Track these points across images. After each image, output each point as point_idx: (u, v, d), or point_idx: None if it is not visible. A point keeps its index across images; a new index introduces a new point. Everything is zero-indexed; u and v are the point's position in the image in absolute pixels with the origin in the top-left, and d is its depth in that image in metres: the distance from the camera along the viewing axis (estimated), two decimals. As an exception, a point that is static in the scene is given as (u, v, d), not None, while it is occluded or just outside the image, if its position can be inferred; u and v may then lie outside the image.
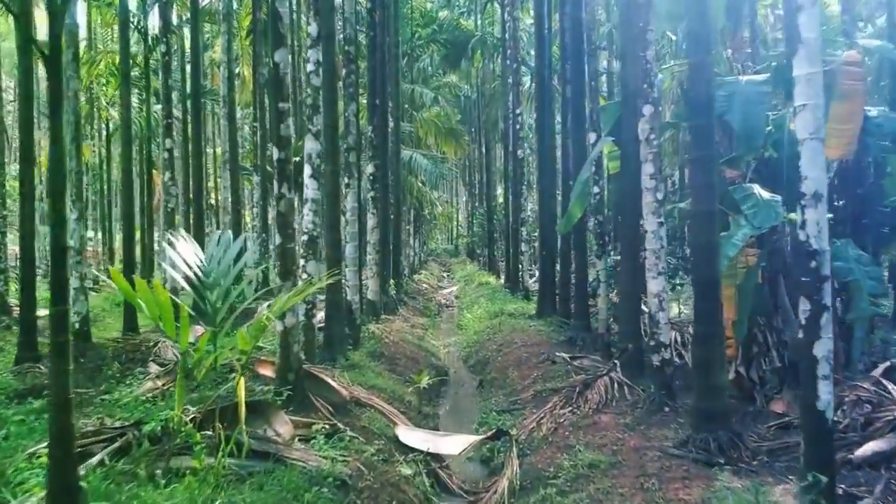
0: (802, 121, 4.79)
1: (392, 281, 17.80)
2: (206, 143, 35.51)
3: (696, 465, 5.96)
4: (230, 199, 19.00)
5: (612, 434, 6.94)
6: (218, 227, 23.94)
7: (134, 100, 26.54)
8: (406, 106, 26.47)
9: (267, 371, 7.37)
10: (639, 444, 6.57)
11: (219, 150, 24.82)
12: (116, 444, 5.44)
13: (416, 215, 35.21)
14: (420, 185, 25.67)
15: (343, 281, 11.10)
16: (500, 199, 37.79)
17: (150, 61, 18.69)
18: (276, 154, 6.76)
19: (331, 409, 7.09)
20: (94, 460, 5.12)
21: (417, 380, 9.09)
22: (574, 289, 12.93)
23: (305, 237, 7.94)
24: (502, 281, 25.86)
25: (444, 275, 41.87)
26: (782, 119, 9.02)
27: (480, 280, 28.63)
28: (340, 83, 11.24)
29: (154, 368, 9.59)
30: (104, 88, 29.20)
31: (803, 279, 4.79)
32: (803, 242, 4.76)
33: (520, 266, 21.43)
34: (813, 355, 4.69)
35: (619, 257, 13.19)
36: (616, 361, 9.42)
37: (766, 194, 8.07)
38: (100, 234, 31.39)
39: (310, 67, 8.11)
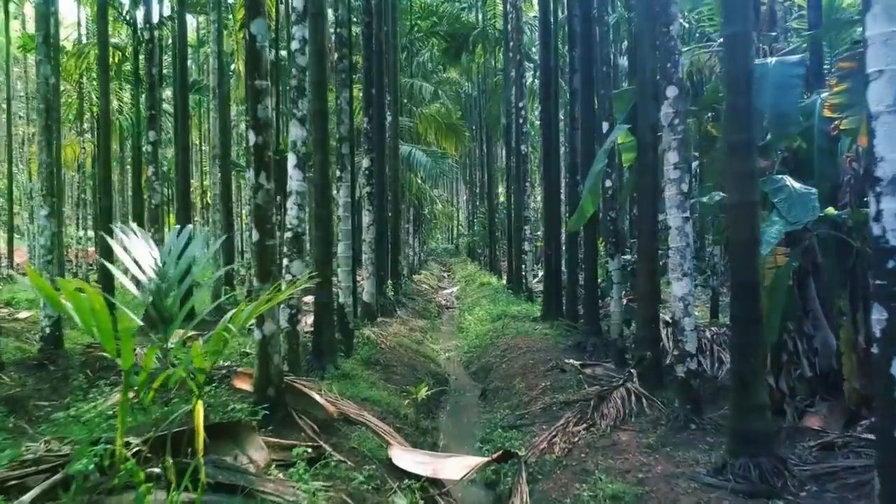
0: (877, 91, 3.96)
1: (390, 281, 16.97)
2: (202, 138, 34.85)
3: (736, 496, 5.14)
4: (220, 196, 18.24)
5: (634, 457, 6.11)
6: (207, 225, 23.05)
7: (126, 95, 25.88)
8: (405, 101, 25.65)
9: (245, 385, 6.54)
10: (667, 470, 5.74)
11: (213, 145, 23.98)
12: (58, 476, 4.61)
13: (416, 214, 34.37)
14: (419, 182, 24.82)
15: (335, 282, 10.28)
16: (502, 198, 37.01)
17: (140, 53, 17.89)
18: (252, 138, 5.93)
19: (316, 427, 6.26)
20: (27, 497, 4.28)
21: (415, 392, 8.26)
22: (583, 290, 12.08)
23: (289, 234, 7.11)
24: (504, 281, 25.07)
25: (445, 275, 41.09)
26: (811, 106, 8.22)
27: (482, 280, 27.83)
28: (331, 68, 10.43)
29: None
30: (94, 83, 28.49)
31: (878, 282, 3.96)
32: (878, 237, 3.93)
33: (523, 266, 20.59)
34: (891, 375, 3.86)
35: (630, 256, 12.38)
36: (633, 371, 8.60)
37: (798, 186, 7.28)
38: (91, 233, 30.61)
39: (294, 45, 7.29)
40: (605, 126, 10.34)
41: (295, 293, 7.20)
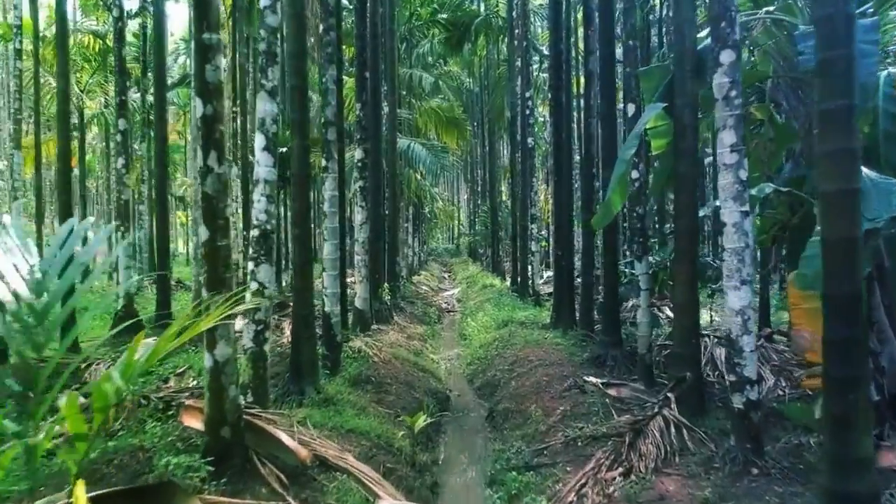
0: None
1: (386, 285, 15.61)
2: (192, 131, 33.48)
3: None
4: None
5: (691, 519, 4.77)
6: (189, 224, 21.60)
7: (111, 88, 24.50)
8: (404, 93, 24.29)
9: (196, 422, 5.19)
10: (738, 541, 4.39)
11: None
12: None
13: (416, 212, 33.02)
14: (419, 178, 23.45)
15: (322, 288, 8.93)
16: (505, 196, 35.66)
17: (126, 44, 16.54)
18: (199, 107, 4.59)
19: (283, 477, 4.92)
20: None
21: (411, 422, 6.90)
22: (602, 296, 10.73)
23: (256, 232, 5.75)
24: (508, 283, 23.73)
25: (445, 275, 39.77)
26: (872, 81, 6.88)
27: (484, 282, 26.50)
28: (316, 40, 9.10)
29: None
30: (78, 74, 27.09)
31: None
32: None
33: (529, 268, 19.24)
34: None
35: (652, 258, 11.05)
36: (669, 395, 7.25)
37: (875, 176, 5.96)
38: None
39: (263, 2, 5.95)
40: (631, 109, 8.98)
41: (265, 304, 5.85)
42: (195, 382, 7.96)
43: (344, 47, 21.02)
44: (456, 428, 9.17)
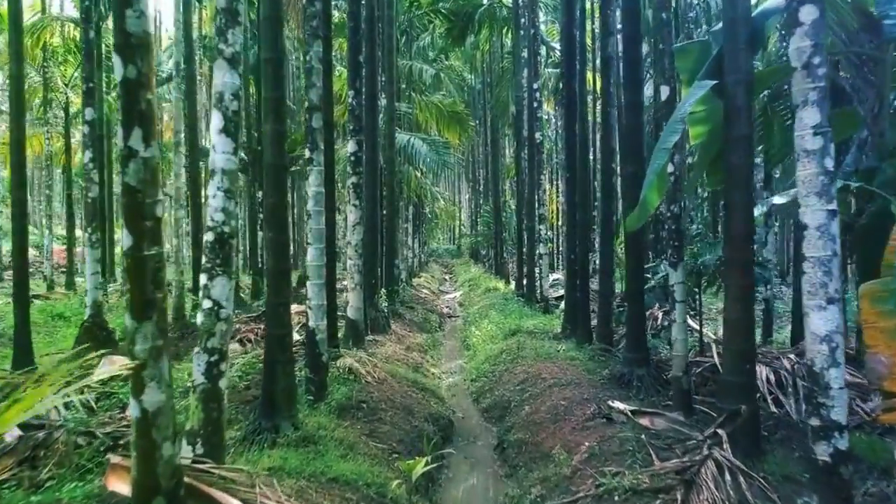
0: None
1: (383, 290, 14.39)
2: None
3: None
4: (187, 188, 15.68)
5: None
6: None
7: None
8: (403, 86, 23.06)
9: (123, 485, 3.96)
10: None
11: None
12: None
13: (416, 212, 31.79)
14: (419, 175, 22.18)
15: (307, 302, 7.71)
16: (509, 196, 34.43)
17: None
18: (118, 68, 3.37)
19: (236, 563, 3.69)
20: None
21: (407, 470, 5.66)
22: (626, 307, 9.50)
23: (210, 235, 4.52)
24: (512, 287, 22.51)
25: (446, 278, 38.57)
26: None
27: (487, 285, 25.29)
28: (299, 11, 7.90)
29: (10, 435, 6.18)
30: (62, 67, 25.85)
31: None
32: None
33: (536, 271, 18.00)
34: None
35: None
36: (720, 431, 6.03)
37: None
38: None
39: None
40: (665, 92, 7.74)
41: (220, 328, 4.60)
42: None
43: (342, 41, 19.85)
44: (460, 461, 7.93)
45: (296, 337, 8.95)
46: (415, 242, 31.32)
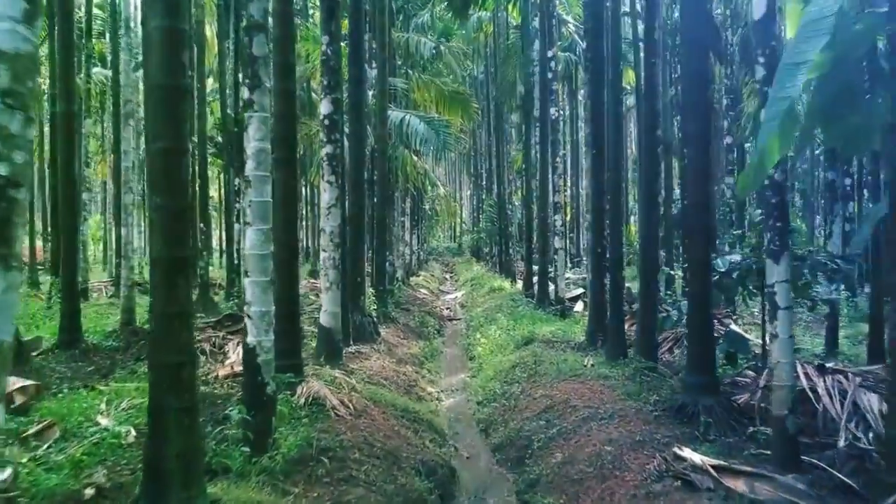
0: None
1: (371, 291, 12.04)
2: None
3: None
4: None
5: None
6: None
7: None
8: (399, 63, 20.70)
9: None
10: None
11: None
12: None
13: (414, 206, 29.43)
14: (415, 158, 19.79)
15: (245, 309, 5.33)
16: (514, 188, 32.07)
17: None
18: None
19: None
20: None
21: None
22: (689, 313, 7.12)
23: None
24: (520, 286, 20.14)
25: (447, 277, 36.26)
26: None
27: (492, 284, 22.97)
28: None
29: None
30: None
31: None
32: None
33: (551, 269, 15.64)
34: None
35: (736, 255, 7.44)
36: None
37: None
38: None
39: None
40: (760, 7, 5.35)
41: None
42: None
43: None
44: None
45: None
46: (413, 238, 28.98)
